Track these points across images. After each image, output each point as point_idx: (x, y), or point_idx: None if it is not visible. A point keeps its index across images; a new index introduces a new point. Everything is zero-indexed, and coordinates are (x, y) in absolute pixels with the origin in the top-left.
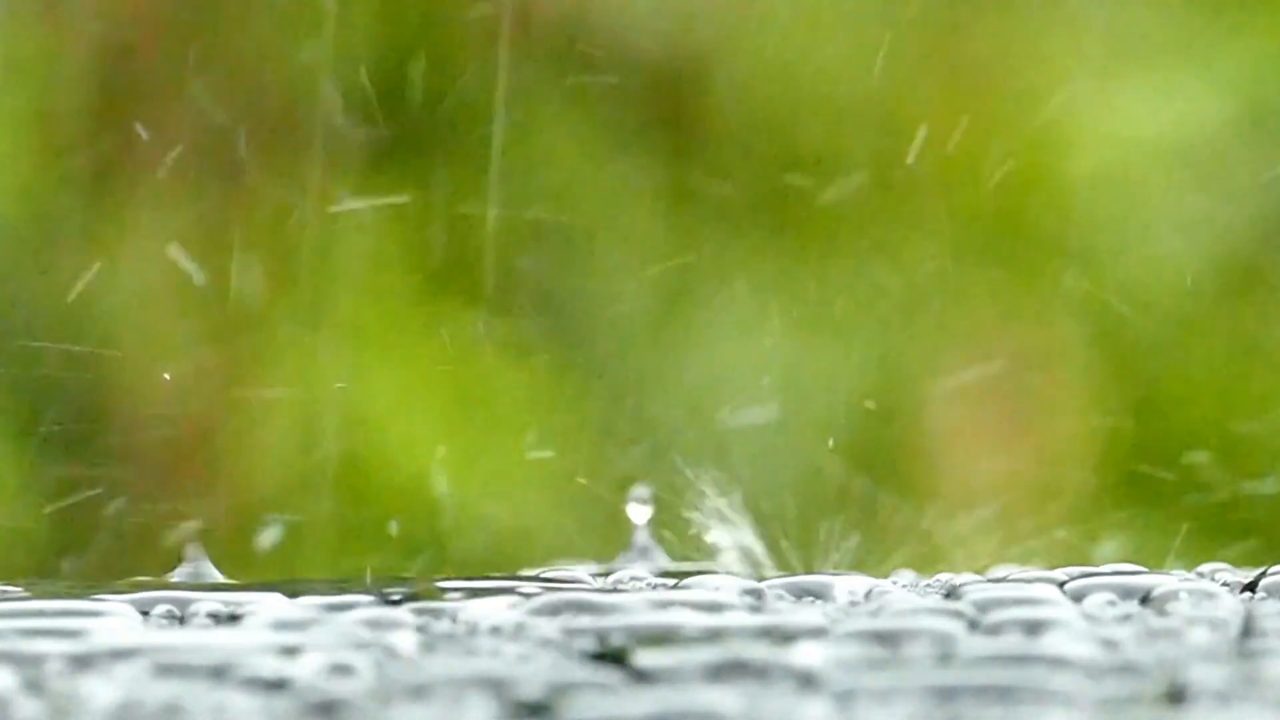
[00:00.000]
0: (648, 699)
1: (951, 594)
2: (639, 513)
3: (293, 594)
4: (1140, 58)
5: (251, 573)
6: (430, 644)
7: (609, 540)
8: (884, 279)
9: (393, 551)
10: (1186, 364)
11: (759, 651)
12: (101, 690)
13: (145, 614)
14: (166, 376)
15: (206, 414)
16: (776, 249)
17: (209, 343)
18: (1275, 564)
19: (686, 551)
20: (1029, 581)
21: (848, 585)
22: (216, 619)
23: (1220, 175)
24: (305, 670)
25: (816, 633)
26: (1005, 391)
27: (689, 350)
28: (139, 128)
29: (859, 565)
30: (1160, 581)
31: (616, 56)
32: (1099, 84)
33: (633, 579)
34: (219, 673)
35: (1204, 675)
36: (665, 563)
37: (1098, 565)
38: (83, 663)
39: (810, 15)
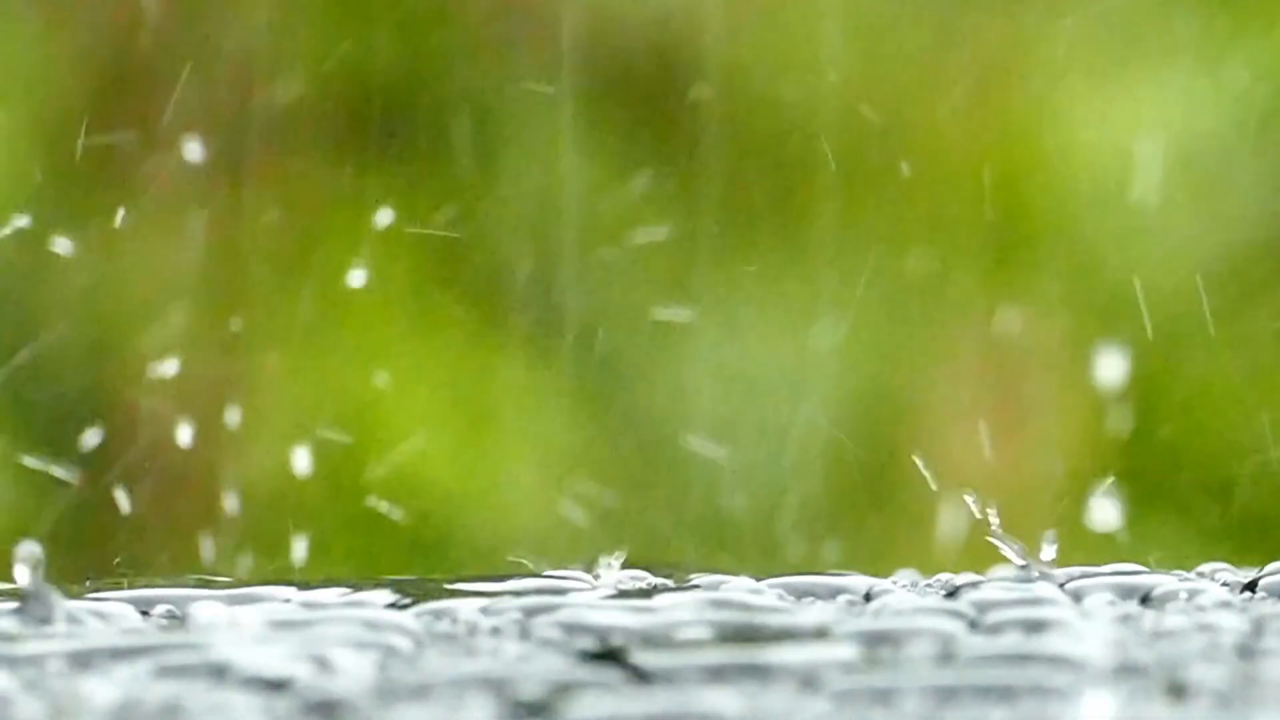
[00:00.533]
0: (648, 699)
1: (951, 594)
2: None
3: (293, 594)
4: (1144, 59)
5: (252, 572)
6: (430, 644)
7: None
8: (881, 279)
9: (392, 552)
10: (1188, 366)
11: (759, 651)
12: (101, 690)
13: (145, 614)
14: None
15: (205, 413)
16: (773, 246)
17: (210, 342)
18: (1275, 563)
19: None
20: (1029, 581)
21: (848, 585)
22: (216, 619)
23: (1225, 178)
24: (305, 670)
25: (817, 633)
26: (1004, 391)
27: (691, 349)
28: (141, 131)
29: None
30: (1160, 581)
31: (616, 57)
32: (1101, 85)
33: (633, 579)
34: (219, 673)
35: (1204, 675)
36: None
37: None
38: (83, 663)
39: (809, 16)
